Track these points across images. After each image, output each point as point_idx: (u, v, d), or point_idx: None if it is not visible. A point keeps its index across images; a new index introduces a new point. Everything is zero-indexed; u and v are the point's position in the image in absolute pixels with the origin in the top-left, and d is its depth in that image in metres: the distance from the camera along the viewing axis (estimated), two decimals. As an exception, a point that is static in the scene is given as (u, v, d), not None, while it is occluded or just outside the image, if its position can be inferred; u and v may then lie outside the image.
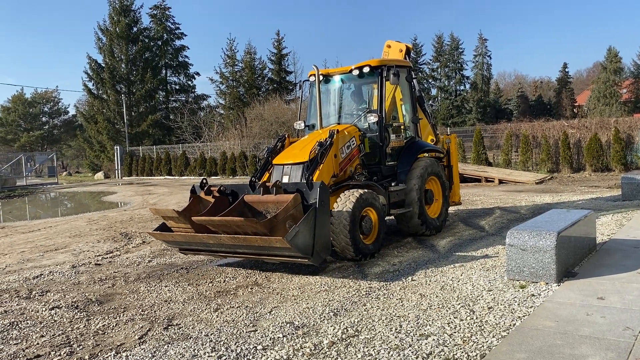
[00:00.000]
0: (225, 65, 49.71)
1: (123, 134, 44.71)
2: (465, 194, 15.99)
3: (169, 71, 51.17)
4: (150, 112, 46.54)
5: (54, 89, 71.70)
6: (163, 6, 50.19)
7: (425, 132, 10.29)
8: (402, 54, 10.52)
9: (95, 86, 46.94)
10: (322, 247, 6.39)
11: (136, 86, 46.55)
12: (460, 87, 56.04)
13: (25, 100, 68.34)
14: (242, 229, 6.26)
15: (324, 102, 9.11)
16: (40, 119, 70.18)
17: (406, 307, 5.31)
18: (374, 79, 8.81)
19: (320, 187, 6.46)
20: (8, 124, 67.53)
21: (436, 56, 56.02)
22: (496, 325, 4.65)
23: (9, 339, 4.93)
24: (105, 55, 46.04)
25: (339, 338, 4.54)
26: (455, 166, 10.42)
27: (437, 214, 9.28)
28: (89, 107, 49.60)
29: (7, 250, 9.92)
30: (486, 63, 56.89)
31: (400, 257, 7.60)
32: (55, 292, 6.57)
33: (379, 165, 8.65)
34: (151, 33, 49.15)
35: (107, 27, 46.13)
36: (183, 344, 4.58)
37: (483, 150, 23.21)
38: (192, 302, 5.86)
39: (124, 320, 5.35)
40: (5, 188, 29.65)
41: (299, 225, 6.04)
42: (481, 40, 57.19)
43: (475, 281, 6.10)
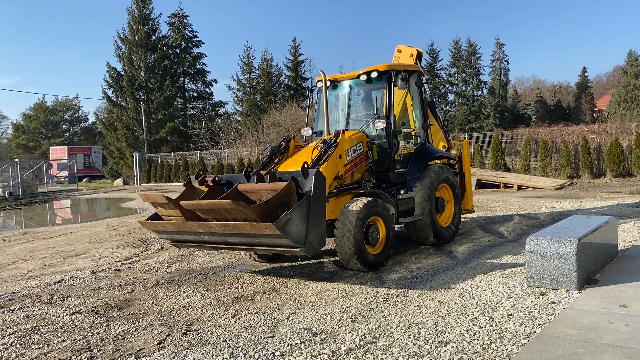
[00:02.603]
0: (242, 72, 50.08)
1: (142, 141, 45.20)
2: (483, 200, 15.87)
3: (187, 79, 51.65)
4: (168, 119, 47.00)
5: (75, 97, 72.94)
6: (181, 14, 50.76)
7: (437, 138, 10.05)
8: (412, 58, 10.37)
9: (114, 94, 47.54)
10: (315, 238, 6.11)
11: (155, 94, 47.07)
12: (477, 92, 55.69)
13: (46, 108, 69.55)
14: (232, 214, 6.03)
15: (331, 108, 9.01)
16: (61, 126, 71.33)
17: (424, 314, 5.28)
18: (382, 84, 8.65)
19: (316, 175, 6.18)
20: (30, 131, 68.74)
21: (453, 61, 55.76)
22: (516, 333, 4.59)
23: (31, 344, 5.00)
24: (125, 63, 46.65)
25: (356, 345, 4.53)
26: (467, 173, 10.17)
27: (449, 223, 8.99)
28: (108, 115, 50.23)
29: (28, 256, 10.08)
30: (504, 68, 56.48)
31: (418, 264, 7.56)
32: (75, 297, 6.65)
33: (388, 172, 8.41)
34: (169, 41, 49.70)
35: (126, 35, 46.75)
36: (202, 350, 4.61)
37: (501, 156, 23.03)
38: (211, 308, 5.89)
39: (143, 325, 5.40)
40: (27, 194, 30.12)
41: (290, 212, 5.79)
42: (498, 45, 56.84)
43: (494, 288, 6.04)
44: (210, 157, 37.17)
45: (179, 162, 37.26)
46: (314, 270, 7.55)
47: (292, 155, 8.24)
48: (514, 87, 66.09)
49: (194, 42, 51.59)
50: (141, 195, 7.53)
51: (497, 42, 57.34)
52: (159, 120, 47.02)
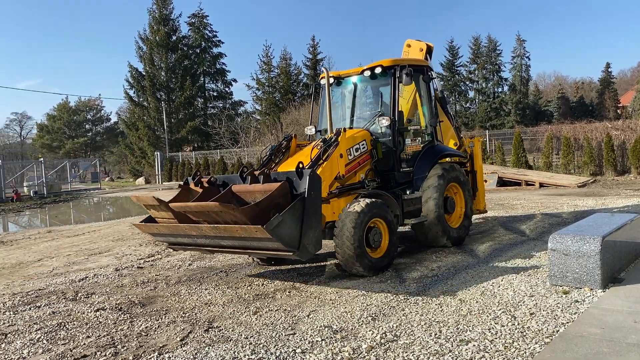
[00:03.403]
0: (262, 72, 50.29)
1: (163, 140, 45.69)
2: (504, 198, 15.72)
3: (207, 78, 52.03)
4: (189, 118, 47.43)
5: (97, 97, 73.98)
6: (201, 14, 51.12)
7: (448, 136, 9.71)
8: (422, 53, 9.99)
9: (136, 94, 48.16)
10: (310, 241, 5.86)
11: (175, 93, 47.54)
12: (498, 89, 55.09)
13: (69, 109, 70.68)
14: (222, 217, 5.83)
15: (336, 105, 8.74)
16: (83, 126, 72.41)
17: (445, 312, 5.25)
18: (387, 80, 8.31)
19: (310, 176, 5.94)
20: (54, 131, 69.96)
21: (473, 58, 55.24)
22: (539, 332, 4.55)
23: (57, 339, 5.10)
24: (146, 63, 47.18)
25: (377, 343, 4.53)
26: (479, 171, 9.79)
27: (459, 224, 8.59)
28: (130, 115, 50.89)
29: (54, 254, 10.27)
30: (525, 64, 55.76)
31: (438, 262, 7.52)
32: (100, 295, 6.76)
33: (393, 171, 8.09)
34: (189, 41, 50.12)
35: (147, 36, 47.28)
36: (223, 347, 4.65)
37: (523, 153, 22.76)
38: (232, 305, 5.94)
39: (166, 322, 5.47)
40: (51, 193, 30.68)
41: (283, 215, 5.55)
42: (519, 41, 56.11)
43: (516, 286, 5.99)
44: (230, 156, 37.41)
45: (200, 161, 37.59)
46: (334, 268, 7.56)
47: (292, 154, 8.04)
48: (536, 83, 65.17)
49: (214, 41, 51.95)
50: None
51: (518, 38, 56.59)
52: (180, 119, 47.48)
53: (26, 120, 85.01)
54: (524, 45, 55.96)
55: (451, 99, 57.05)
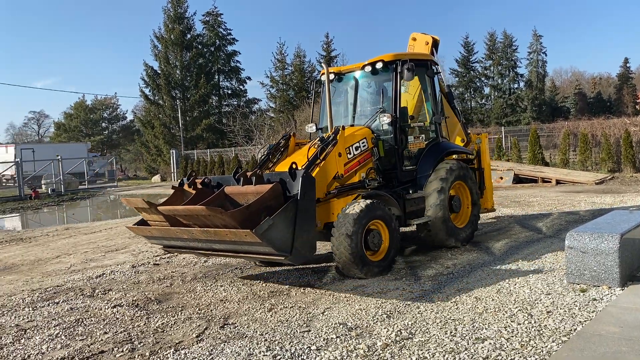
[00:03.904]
0: (276, 69, 50.37)
1: (178, 138, 45.99)
2: (521, 195, 15.58)
3: (221, 76, 52.23)
4: (204, 116, 47.67)
5: (113, 96, 74.86)
6: (215, 13, 51.31)
7: (454, 132, 9.50)
8: (428, 46, 9.72)
9: (151, 92, 48.50)
10: (303, 245, 5.64)
11: (190, 91, 47.81)
12: (514, 85, 54.64)
13: (86, 107, 71.47)
14: (211, 220, 5.64)
15: (337, 102, 8.54)
16: (100, 124, 73.18)
17: (461, 310, 5.23)
18: (389, 75, 8.03)
19: (303, 177, 5.73)
20: (71, 129, 70.79)
21: (489, 54, 54.82)
22: (556, 330, 4.51)
23: (75, 335, 5.17)
24: (161, 62, 47.49)
25: (392, 340, 4.52)
26: (487, 169, 9.56)
27: (465, 223, 8.33)
28: (145, 113, 51.30)
29: (71, 251, 10.40)
30: (541, 60, 55.21)
31: (454, 260, 7.48)
32: (116, 291, 6.83)
33: (396, 170, 7.85)
34: (204, 39, 50.34)
35: (162, 34, 47.58)
36: (239, 343, 4.68)
37: (539, 150, 22.53)
38: (247, 302, 5.97)
39: (182, 318, 5.51)
40: (69, 191, 31.03)
41: (273, 218, 5.33)
42: (535, 37, 55.55)
43: (532, 284, 5.94)
44: (245, 154, 37.53)
45: (215, 159, 37.77)
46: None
47: (291, 154, 7.83)
48: (552, 79, 64.53)
49: (228, 39, 52.11)
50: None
51: (534, 33, 56.06)
52: (195, 117, 47.74)
53: (44, 119, 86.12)
54: (540, 41, 55.43)
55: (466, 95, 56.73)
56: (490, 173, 9.88)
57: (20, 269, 8.91)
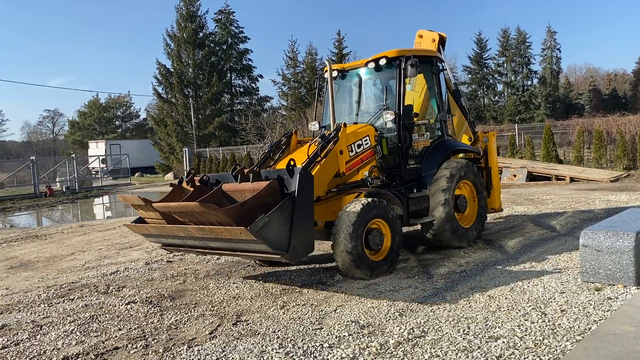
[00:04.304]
0: (287, 67, 50.34)
1: (191, 136, 46.22)
2: (534, 193, 15.47)
3: (233, 74, 52.37)
4: (216, 114, 47.85)
5: (126, 94, 75.35)
6: (227, 11, 51.43)
7: (461, 131, 9.34)
8: (434, 43, 9.53)
9: (164, 90, 48.75)
10: (301, 243, 5.54)
11: (203, 90, 48.00)
12: (527, 82, 54.09)
13: (100, 105, 72.09)
14: (206, 217, 5.57)
15: (341, 100, 8.43)
16: (113, 122, 73.76)
17: (474, 308, 5.20)
18: (392, 72, 7.90)
19: (301, 174, 5.63)
20: (84, 127, 71.46)
21: (502, 50, 54.35)
22: (570, 329, 4.47)
23: (90, 331, 5.22)
24: (174, 60, 47.72)
25: (405, 338, 4.52)
26: (494, 168, 9.36)
27: (471, 223, 8.15)
28: (158, 111, 51.54)
29: (86, 248, 10.50)
30: (555, 56, 54.61)
31: (466, 258, 7.45)
32: (130, 288, 6.89)
33: (399, 168, 7.71)
34: (216, 37, 50.49)
35: (174, 33, 47.80)
36: (251, 340, 4.70)
37: (553, 148, 22.33)
38: (259, 299, 5.99)
39: (195, 315, 5.54)
40: (83, 189, 31.32)
41: (269, 215, 5.23)
42: (549, 33, 54.95)
43: (546, 283, 5.89)
44: (257, 152, 37.62)
45: (227, 157, 37.94)
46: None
47: (292, 151, 7.70)
48: (566, 76, 63.82)
49: (240, 38, 52.21)
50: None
51: (549, 29, 55.44)
52: (207, 115, 47.95)
53: (58, 117, 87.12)
54: (554, 37, 54.82)
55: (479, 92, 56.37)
56: (498, 172, 9.70)
57: (35, 265, 9.02)
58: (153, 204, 6.16)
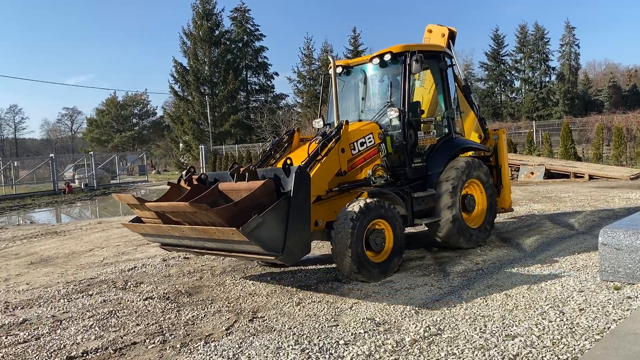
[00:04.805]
0: (303, 64, 50.47)
1: (207, 133, 46.53)
2: (552, 190, 15.31)
3: (249, 72, 52.61)
4: (232, 112, 48.13)
5: (143, 92, 75.96)
6: (243, 9, 51.66)
7: (471, 128, 9.00)
8: (444, 38, 9.25)
9: (180, 88, 49.18)
10: (296, 244, 5.38)
11: (219, 87, 48.30)
12: (545, 78, 53.62)
13: (117, 103, 72.85)
14: (199, 217, 5.41)
15: (345, 96, 8.23)
16: (131, 120, 74.49)
17: (490, 306, 5.17)
18: (398, 68, 7.66)
19: (297, 173, 5.43)
20: (102, 125, 72.26)
21: (519, 47, 53.86)
22: (589, 328, 4.43)
23: (109, 326, 5.29)
24: (190, 58, 48.08)
25: (421, 336, 4.51)
26: (504, 166, 9.03)
27: (479, 224, 7.89)
28: (175, 109, 52.00)
29: (104, 244, 10.63)
30: (574, 52, 54.01)
31: (483, 256, 7.40)
32: (148, 284, 6.96)
33: (405, 167, 7.49)
34: (232, 35, 50.76)
35: (191, 31, 48.15)
36: (267, 336, 4.72)
37: (571, 145, 22.09)
38: (275, 296, 6.02)
39: (212, 311, 5.59)
40: (101, 186, 31.71)
41: (263, 216, 5.06)
42: (568, 29, 54.34)
43: (564, 281, 5.83)
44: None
45: (243, 154, 38.08)
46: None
47: (294, 150, 7.55)
48: (585, 72, 63.01)
49: (256, 35, 52.45)
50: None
51: (567, 25, 54.85)
52: (223, 113, 48.24)
53: (76, 115, 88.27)
54: (573, 33, 54.23)
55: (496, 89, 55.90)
56: (508, 171, 9.44)
57: (55, 261, 9.16)
58: (146, 204, 6.02)
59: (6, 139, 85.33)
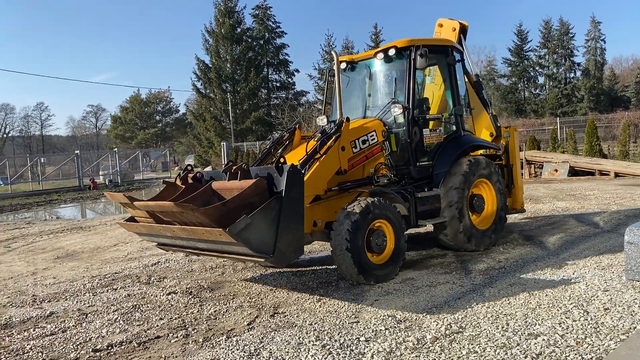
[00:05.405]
0: (324, 61, 50.37)
1: (229, 130, 46.84)
2: (576, 188, 15.08)
3: (270, 69, 52.75)
4: (253, 109, 48.33)
5: (166, 90, 76.86)
6: (265, 6, 51.78)
7: (482, 125, 8.68)
8: (455, 33, 8.97)
9: (203, 86, 49.53)
10: (288, 246, 5.17)
11: (240, 85, 48.53)
12: (570, 74, 52.71)
13: (141, 101, 73.77)
14: (186, 217, 5.24)
15: (350, 93, 8.04)
16: (154, 117, 75.39)
17: (513, 305, 5.13)
18: (402, 63, 7.40)
19: (289, 172, 5.21)
20: (126, 122, 73.28)
21: (543, 42, 53.04)
22: (614, 328, 4.36)
23: (133, 320, 5.38)
24: (212, 55, 48.38)
25: (442, 334, 4.49)
26: (516, 165, 8.79)
27: (488, 225, 7.62)
28: (197, 106, 52.43)
29: (128, 239, 10.79)
30: (600, 47, 53.08)
31: (506, 254, 7.33)
32: (171, 279, 7.06)
33: (409, 166, 7.24)
34: (253, 33, 50.93)
35: (213, 28, 48.44)
36: (288, 332, 4.75)
37: (597, 142, 21.71)
38: (296, 292, 6.05)
39: (234, 306, 5.64)
40: (125, 182, 32.18)
41: (252, 216, 4.85)
42: (594, 23, 53.38)
43: (589, 280, 5.75)
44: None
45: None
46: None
47: (295, 147, 7.38)
48: (611, 67, 61.78)
49: (277, 32, 52.52)
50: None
51: (593, 20, 53.88)
52: (245, 110, 48.48)
53: (101, 112, 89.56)
54: (599, 28, 53.24)
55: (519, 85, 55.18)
56: (520, 170, 9.19)
57: (80, 256, 9.33)
58: (135, 203, 5.88)
59: (33, 135, 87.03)
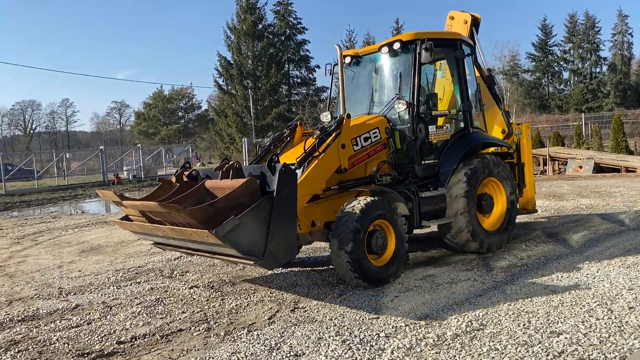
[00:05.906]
0: (344, 57, 50.25)
1: (250, 126, 47.08)
2: (601, 185, 14.83)
3: (291, 65, 52.85)
4: (274, 105, 48.54)
5: (189, 86, 77.52)
6: (286, 2, 51.84)
7: (494, 122, 8.42)
8: (467, 26, 8.67)
9: (224, 82, 49.88)
10: (279, 248, 4.95)
11: (261, 81, 48.75)
12: (596, 69, 51.78)
13: (164, 97, 74.59)
14: (174, 217, 5.06)
15: (355, 88, 7.83)
16: (177, 113, 76.18)
17: (535, 302, 5.08)
18: (408, 57, 7.14)
19: (281, 171, 4.98)
20: (149, 118, 74.15)
21: (568, 37, 52.16)
22: (638, 327, 4.30)
23: (156, 313, 5.47)
24: (234, 52, 48.69)
25: (463, 330, 4.48)
26: (527, 164, 8.52)
27: (498, 226, 7.36)
28: (219, 102, 52.82)
29: (151, 234, 10.94)
30: (627, 42, 52.00)
31: (528, 251, 7.26)
32: (193, 273, 7.15)
33: (413, 164, 6.97)
34: (275, 29, 51.08)
35: (234, 25, 48.73)
36: (309, 327, 4.78)
37: (623, 138, 21.32)
38: (317, 287, 6.08)
39: (255, 301, 5.69)
40: (148, 177, 32.57)
41: (240, 217, 4.64)
42: (621, 17, 52.28)
43: (613, 279, 5.67)
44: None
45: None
46: (419, 255, 7.51)
47: (296, 144, 7.18)
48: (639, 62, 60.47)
49: (298, 29, 52.60)
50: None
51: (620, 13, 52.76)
52: (266, 106, 48.70)
53: (125, 109, 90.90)
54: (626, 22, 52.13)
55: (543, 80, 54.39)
56: (532, 169, 8.91)
57: (105, 250, 9.50)
58: (123, 202, 5.74)
59: (59, 131, 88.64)
